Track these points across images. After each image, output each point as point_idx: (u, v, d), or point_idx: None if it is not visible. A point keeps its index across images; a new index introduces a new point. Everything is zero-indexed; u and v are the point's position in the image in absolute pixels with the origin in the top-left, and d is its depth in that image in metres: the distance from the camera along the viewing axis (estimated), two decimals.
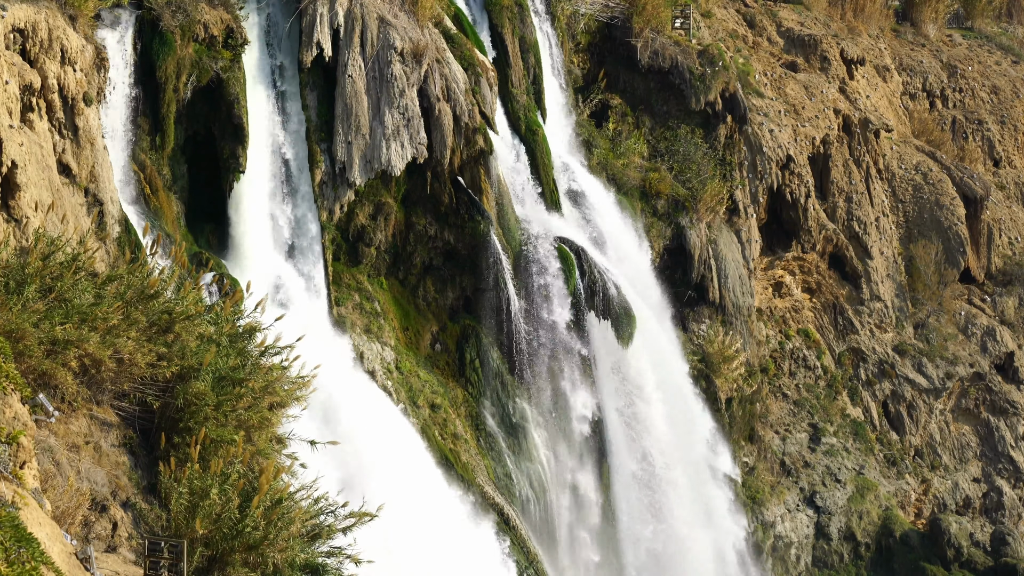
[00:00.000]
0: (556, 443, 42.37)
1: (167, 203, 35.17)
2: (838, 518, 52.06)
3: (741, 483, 49.71)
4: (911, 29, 67.89)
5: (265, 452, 20.88)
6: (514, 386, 41.37)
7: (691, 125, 50.48)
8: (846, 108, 57.04)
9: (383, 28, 38.88)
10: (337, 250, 39.12)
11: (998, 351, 58.55)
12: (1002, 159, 65.34)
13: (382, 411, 37.41)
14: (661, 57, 49.95)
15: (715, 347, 48.58)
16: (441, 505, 36.53)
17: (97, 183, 31.10)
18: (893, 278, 57.58)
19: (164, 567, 17.20)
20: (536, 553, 39.46)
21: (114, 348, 19.67)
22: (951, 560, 52.68)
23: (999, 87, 67.19)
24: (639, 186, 48.37)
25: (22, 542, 13.70)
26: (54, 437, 19.00)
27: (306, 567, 18.98)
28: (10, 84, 27.73)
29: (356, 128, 38.31)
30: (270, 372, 21.51)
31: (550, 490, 41.67)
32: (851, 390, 55.55)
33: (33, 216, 26.85)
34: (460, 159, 40.43)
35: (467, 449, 39.51)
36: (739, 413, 50.34)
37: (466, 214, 40.65)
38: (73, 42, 30.32)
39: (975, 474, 56.89)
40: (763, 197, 53.06)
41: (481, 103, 40.61)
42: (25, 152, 27.22)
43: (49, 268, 19.88)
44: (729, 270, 49.78)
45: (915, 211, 59.46)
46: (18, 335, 18.46)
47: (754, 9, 60.43)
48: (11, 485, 15.01)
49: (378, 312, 39.65)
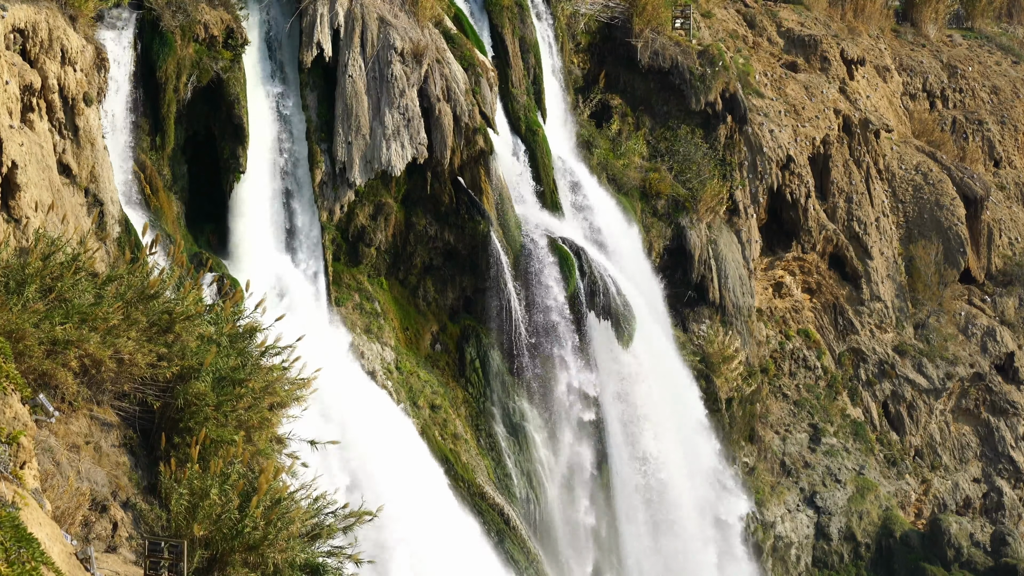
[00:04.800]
0: (556, 443, 42.38)
1: (167, 203, 35.16)
2: (838, 518, 52.05)
3: (741, 483, 49.70)
4: (911, 29, 67.88)
5: (265, 452, 20.89)
6: (514, 386, 41.38)
7: (691, 125, 50.47)
8: (846, 108, 57.03)
9: (383, 28, 38.88)
10: (337, 250, 39.12)
11: (998, 351, 58.55)
12: (1002, 159, 65.34)
13: (382, 411, 37.40)
14: (661, 57, 49.95)
15: (715, 347, 48.57)
16: (441, 505, 36.53)
17: (97, 183, 31.09)
18: (893, 278, 57.58)
19: (164, 567, 17.21)
20: (536, 553, 39.46)
21: (114, 348, 19.66)
22: (951, 560, 52.68)
23: (999, 87, 67.18)
24: (639, 186, 48.38)
25: (22, 542, 13.70)
26: (54, 437, 19.01)
27: (306, 567, 18.99)
28: (10, 84, 27.73)
29: (356, 128, 38.30)
30: (270, 372, 21.51)
31: (550, 490, 41.68)
32: (851, 390, 55.55)
33: (33, 216, 26.85)
34: (460, 159, 40.42)
35: (467, 449, 39.51)
36: (739, 413, 50.33)
37: (466, 214, 40.65)
38: (73, 42, 30.32)
39: (975, 474, 56.88)
40: (763, 197, 53.05)
41: (481, 103, 40.60)
42: (25, 152, 27.22)
43: (49, 268, 19.87)
44: (729, 270, 49.77)
45: (915, 211, 59.46)
46: (18, 335, 18.46)
47: (754, 9, 60.42)
48: (11, 485, 15.01)
49: (378, 312, 39.65)
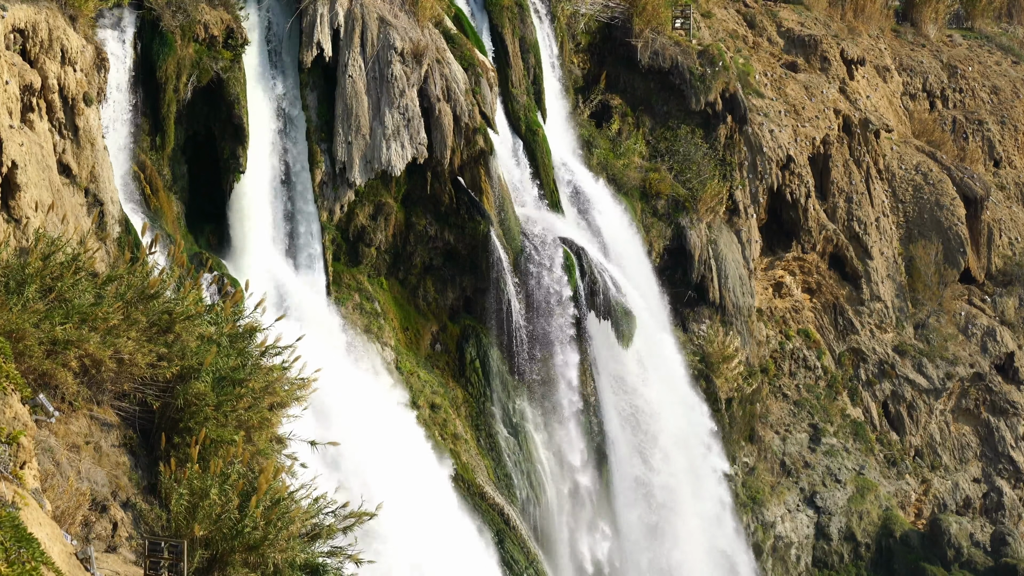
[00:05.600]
0: (556, 443, 42.37)
1: (167, 203, 35.16)
2: (838, 518, 52.05)
3: (741, 483, 49.71)
4: (911, 29, 67.88)
5: (265, 452, 20.88)
6: (514, 386, 41.38)
7: (691, 125, 50.47)
8: (846, 108, 57.03)
9: (383, 28, 38.88)
10: (337, 250, 39.11)
11: (998, 351, 58.56)
12: (1002, 159, 65.34)
13: (382, 411, 37.38)
14: (661, 57, 49.95)
15: (715, 347, 48.58)
16: (441, 505, 36.52)
17: (97, 183, 31.09)
18: (893, 278, 57.57)
19: (164, 567, 17.20)
20: (536, 553, 39.46)
21: (114, 348, 19.66)
22: (951, 560, 52.69)
23: (999, 87, 67.19)
24: (639, 186, 48.37)
25: (22, 542, 13.70)
26: (54, 437, 19.00)
27: (306, 567, 18.98)
28: (10, 84, 27.73)
29: (356, 128, 38.30)
30: (270, 372, 21.50)
31: (550, 490, 41.68)
32: (851, 390, 55.55)
33: (33, 216, 26.85)
34: (460, 159, 40.41)
35: (467, 449, 39.51)
36: (739, 413, 50.33)
37: (466, 214, 40.64)
38: (73, 42, 30.31)
39: (975, 474, 56.88)
40: (763, 197, 53.05)
41: (481, 103, 40.59)
42: (25, 152, 27.22)
43: (49, 268, 19.86)
44: (729, 270, 49.77)
45: (915, 211, 59.46)
46: (18, 335, 18.46)
47: (754, 9, 60.42)
48: (11, 485, 15.01)
49: (378, 312, 39.65)
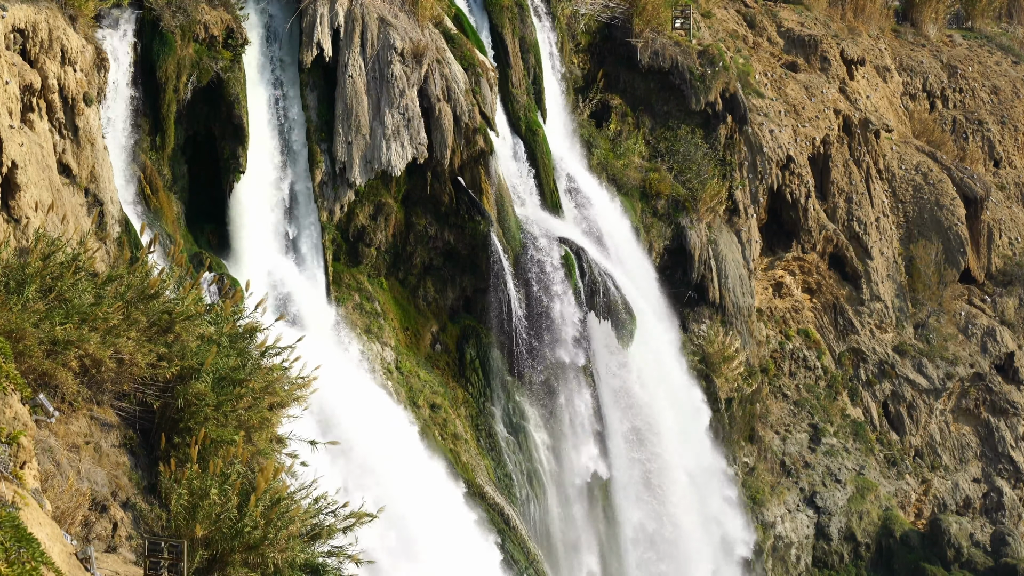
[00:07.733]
0: (556, 443, 42.37)
1: (167, 203, 35.16)
2: (838, 518, 52.04)
3: (741, 483, 49.70)
4: (911, 29, 67.86)
5: (265, 452, 20.88)
6: (514, 386, 41.38)
7: (691, 125, 50.45)
8: (846, 108, 57.03)
9: (383, 28, 38.88)
10: (337, 250, 39.11)
11: (998, 351, 58.55)
12: (1002, 159, 65.33)
13: (382, 411, 37.39)
14: (661, 57, 49.94)
15: (715, 347, 48.56)
16: (441, 504, 36.51)
17: (97, 183, 31.08)
18: (893, 278, 57.57)
19: (164, 567, 17.20)
20: (536, 553, 39.45)
21: (114, 348, 19.66)
22: (951, 560, 52.68)
23: (999, 87, 67.17)
24: (639, 186, 48.37)
25: (22, 542, 13.69)
26: (54, 437, 19.00)
27: (306, 567, 18.97)
28: (10, 84, 27.73)
29: (356, 128, 38.30)
30: (270, 372, 21.50)
31: (550, 490, 41.68)
32: (851, 390, 55.54)
33: (33, 216, 26.85)
34: (460, 159, 40.42)
35: (467, 449, 39.50)
36: (739, 413, 50.33)
37: (466, 214, 40.64)
38: (73, 42, 30.31)
39: (975, 474, 56.88)
40: (763, 197, 53.05)
41: (481, 103, 40.59)
42: (25, 152, 27.21)
43: (49, 268, 19.86)
44: (729, 270, 49.77)
45: (915, 211, 59.46)
46: (18, 335, 18.45)
47: (754, 9, 60.41)
48: (11, 485, 15.01)
49: (378, 312, 39.64)
